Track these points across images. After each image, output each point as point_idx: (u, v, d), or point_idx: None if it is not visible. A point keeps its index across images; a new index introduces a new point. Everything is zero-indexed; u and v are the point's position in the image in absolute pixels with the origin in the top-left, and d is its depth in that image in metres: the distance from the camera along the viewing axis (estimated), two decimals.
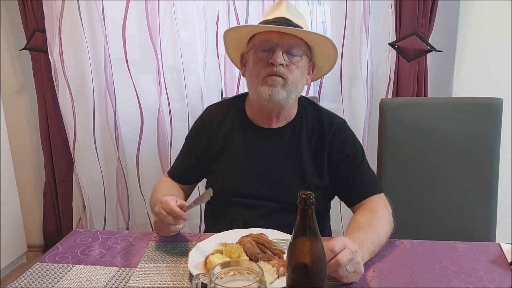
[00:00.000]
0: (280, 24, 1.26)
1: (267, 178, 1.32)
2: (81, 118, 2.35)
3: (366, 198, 1.28)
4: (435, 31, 2.00)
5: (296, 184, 1.30)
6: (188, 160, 1.44)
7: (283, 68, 1.25)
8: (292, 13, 1.31)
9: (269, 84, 1.25)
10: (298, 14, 1.35)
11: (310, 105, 1.40)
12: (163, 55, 2.22)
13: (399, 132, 1.58)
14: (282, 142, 1.34)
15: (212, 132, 1.39)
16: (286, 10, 1.30)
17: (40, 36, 2.27)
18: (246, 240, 1.07)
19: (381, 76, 2.12)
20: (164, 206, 1.12)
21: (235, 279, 0.81)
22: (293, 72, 1.27)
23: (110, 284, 1.02)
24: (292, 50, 1.26)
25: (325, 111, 1.40)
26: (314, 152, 1.33)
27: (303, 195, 0.78)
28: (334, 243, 0.93)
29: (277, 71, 1.24)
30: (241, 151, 1.35)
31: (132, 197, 2.44)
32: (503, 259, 1.10)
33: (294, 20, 1.30)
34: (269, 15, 1.33)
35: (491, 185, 1.55)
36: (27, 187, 2.65)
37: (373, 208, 1.23)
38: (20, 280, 1.04)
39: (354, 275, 0.96)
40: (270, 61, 1.24)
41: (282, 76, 1.25)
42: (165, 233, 1.19)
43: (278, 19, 1.29)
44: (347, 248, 0.94)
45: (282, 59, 1.24)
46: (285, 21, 1.28)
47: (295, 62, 1.27)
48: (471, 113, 1.55)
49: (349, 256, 0.93)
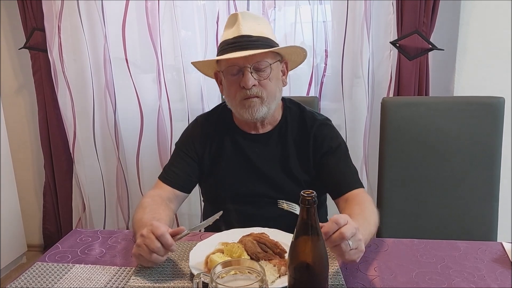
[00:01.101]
0: (240, 45, 1.26)
1: (259, 178, 1.38)
2: (80, 117, 2.34)
3: (350, 191, 1.29)
4: (437, 30, 1.99)
5: (287, 181, 1.37)
6: (188, 166, 1.40)
7: (256, 88, 1.27)
8: (249, 25, 1.29)
9: (247, 107, 1.30)
10: (255, 21, 1.31)
11: (294, 105, 1.44)
12: (163, 54, 2.22)
13: (401, 131, 1.58)
14: (270, 145, 1.40)
15: (205, 141, 1.42)
16: (243, 23, 1.28)
17: (40, 35, 2.26)
18: (247, 239, 1.07)
19: (382, 75, 2.12)
20: (154, 230, 1.00)
21: (236, 278, 0.81)
22: (267, 86, 1.29)
23: (110, 283, 1.01)
24: (260, 67, 1.27)
25: (308, 109, 1.45)
26: (301, 149, 1.38)
27: (305, 194, 0.78)
28: (337, 216, 0.92)
29: (250, 94, 1.27)
30: (233, 157, 1.40)
31: (132, 196, 2.44)
32: (505, 258, 1.09)
33: (254, 31, 1.28)
34: (228, 31, 1.31)
35: (493, 184, 1.54)
36: (27, 187, 2.65)
37: (363, 202, 1.24)
38: (20, 280, 1.04)
39: (355, 252, 0.94)
40: (242, 84, 1.27)
41: (257, 96, 1.28)
42: (143, 262, 1.04)
43: (237, 38, 1.27)
44: (350, 223, 0.93)
45: (252, 80, 1.26)
46: (244, 40, 1.26)
47: (266, 76, 1.29)
48: (473, 112, 1.54)
49: (352, 231, 0.91)
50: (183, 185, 1.39)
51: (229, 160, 1.40)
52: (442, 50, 2.00)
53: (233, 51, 1.26)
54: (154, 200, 1.29)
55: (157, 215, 1.19)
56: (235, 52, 1.25)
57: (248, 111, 1.30)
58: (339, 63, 2.14)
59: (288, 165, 1.37)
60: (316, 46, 2.16)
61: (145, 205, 1.25)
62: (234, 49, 1.26)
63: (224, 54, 1.28)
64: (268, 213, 1.33)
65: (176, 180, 1.38)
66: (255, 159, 1.38)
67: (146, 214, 1.19)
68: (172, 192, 1.36)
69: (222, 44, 1.31)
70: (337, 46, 2.14)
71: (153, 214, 1.19)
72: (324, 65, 2.19)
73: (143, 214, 1.20)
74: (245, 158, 1.39)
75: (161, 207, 1.26)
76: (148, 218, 1.15)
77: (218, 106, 1.49)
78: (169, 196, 1.35)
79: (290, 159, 1.37)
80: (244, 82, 1.26)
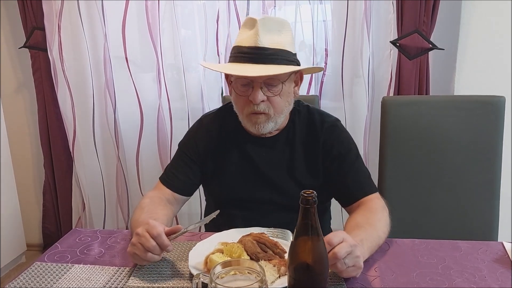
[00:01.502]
0: (254, 57, 1.19)
1: (264, 183, 1.34)
2: (80, 116, 2.34)
3: (362, 198, 1.26)
4: (437, 29, 1.99)
5: (293, 187, 1.32)
6: (189, 168, 1.37)
7: (264, 104, 1.23)
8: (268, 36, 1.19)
9: (254, 122, 1.26)
10: (276, 29, 1.22)
11: (302, 108, 1.38)
12: (163, 53, 2.21)
13: (401, 130, 1.57)
14: (277, 149, 1.34)
15: (210, 142, 1.37)
16: (262, 33, 1.18)
17: (40, 34, 2.26)
18: (247, 239, 1.06)
19: (383, 75, 2.11)
20: (150, 229, 1.00)
21: (236, 278, 0.80)
22: (275, 103, 1.24)
23: (109, 283, 1.01)
24: (272, 83, 1.22)
25: (317, 111, 1.39)
26: (308, 154, 1.33)
27: (305, 194, 0.77)
28: (331, 236, 0.92)
29: (258, 109, 1.23)
30: (238, 159, 1.35)
31: (132, 196, 2.43)
32: (506, 259, 1.09)
33: (272, 43, 1.19)
34: (244, 35, 1.23)
35: (493, 184, 1.54)
36: (26, 186, 2.64)
37: (372, 208, 1.21)
38: (19, 280, 1.03)
39: (353, 270, 0.94)
40: (250, 98, 1.22)
41: (264, 112, 1.24)
42: (138, 260, 1.04)
43: (253, 49, 1.19)
44: (345, 241, 0.93)
45: (261, 96, 1.21)
46: (260, 53, 1.19)
47: (277, 93, 1.23)
48: (473, 111, 1.54)
49: (347, 249, 0.91)
50: (183, 188, 1.36)
51: (233, 164, 1.35)
52: (443, 49, 2.00)
53: (246, 62, 1.20)
54: (152, 200, 1.28)
55: (154, 215, 1.18)
56: (248, 63, 1.19)
57: (254, 126, 1.26)
58: (339, 62, 2.14)
59: (295, 171, 1.32)
60: (316, 45, 2.15)
61: (143, 205, 1.24)
62: (247, 60, 1.20)
63: (236, 62, 1.22)
64: (273, 220, 1.26)
65: (176, 183, 1.35)
66: (260, 164, 1.34)
67: (143, 214, 1.19)
68: (172, 195, 1.34)
69: (236, 50, 1.24)
70: (337, 45, 2.14)
71: (150, 214, 1.18)
72: (324, 64, 2.19)
73: (141, 214, 1.19)
74: (250, 162, 1.34)
75: (159, 207, 1.25)
76: (145, 218, 1.14)
77: (225, 106, 1.43)
78: (169, 198, 1.34)
79: (297, 164, 1.33)
80: (253, 97, 1.21)
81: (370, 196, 1.26)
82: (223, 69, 1.26)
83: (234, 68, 1.21)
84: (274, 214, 1.31)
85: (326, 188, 1.34)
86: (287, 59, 1.22)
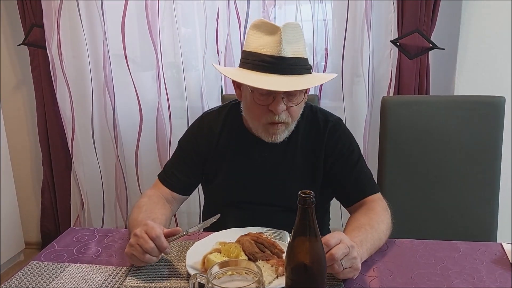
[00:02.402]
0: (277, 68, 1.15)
1: (265, 185, 1.32)
2: (79, 114, 2.33)
3: (364, 198, 1.25)
4: (438, 29, 1.98)
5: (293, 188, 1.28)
6: (189, 168, 1.36)
7: (284, 114, 1.20)
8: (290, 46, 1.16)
9: (272, 134, 1.24)
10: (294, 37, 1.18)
11: (305, 108, 1.34)
12: (162, 51, 2.20)
13: (401, 130, 1.57)
14: (279, 149, 1.32)
15: (211, 140, 1.35)
16: (285, 43, 1.15)
17: (38, 31, 2.25)
18: (245, 239, 1.06)
19: (383, 74, 2.11)
20: (149, 230, 1.00)
21: (233, 279, 0.80)
22: (293, 112, 1.23)
23: (106, 283, 1.00)
24: (294, 92, 1.19)
25: (320, 110, 1.38)
26: (311, 155, 1.31)
27: (302, 194, 0.77)
28: (329, 237, 0.92)
29: (278, 120, 1.20)
30: (240, 160, 1.33)
31: (131, 194, 2.43)
32: (505, 260, 1.08)
33: (293, 52, 1.16)
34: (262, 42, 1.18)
35: (493, 184, 1.53)
36: (25, 184, 2.64)
37: (374, 209, 1.20)
38: (15, 279, 1.03)
39: (350, 271, 0.94)
40: (270, 108, 1.19)
41: (283, 122, 1.22)
42: (136, 261, 1.03)
43: (275, 59, 1.15)
44: (343, 242, 0.92)
45: (283, 106, 1.18)
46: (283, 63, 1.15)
47: (297, 103, 1.22)
48: (473, 111, 1.53)
49: (344, 251, 0.91)
50: (182, 188, 1.35)
51: (234, 164, 1.33)
52: (443, 49, 1.99)
53: (267, 71, 1.16)
54: (151, 199, 1.27)
55: (152, 214, 1.17)
56: (270, 74, 1.15)
57: (272, 137, 1.24)
58: (339, 61, 2.13)
59: (297, 172, 1.31)
60: (317, 44, 2.14)
61: (141, 204, 1.23)
62: (269, 69, 1.15)
63: (256, 70, 1.17)
64: (273, 222, 1.23)
65: (175, 182, 1.34)
66: (262, 164, 1.32)
67: (141, 213, 1.18)
68: (171, 194, 1.34)
69: (255, 57, 1.18)
70: (337, 44, 2.13)
71: (148, 213, 1.17)
72: (324, 64, 2.18)
73: (139, 213, 1.18)
74: (252, 162, 1.32)
75: (158, 206, 1.24)
76: (143, 217, 1.14)
77: (227, 104, 1.41)
78: (167, 197, 1.33)
79: (299, 165, 1.31)
80: (274, 108, 1.18)
81: (372, 197, 1.25)
82: (249, 81, 1.16)
83: (259, 79, 1.15)
84: (274, 216, 1.30)
85: (327, 190, 1.33)
86: (306, 67, 1.21)
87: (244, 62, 1.22)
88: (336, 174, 1.30)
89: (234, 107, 1.37)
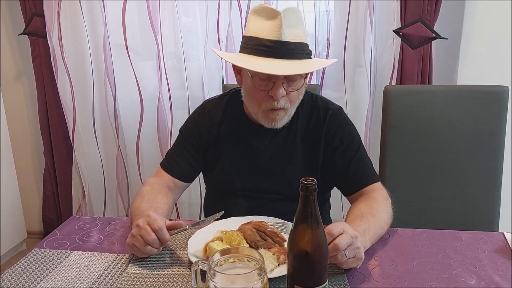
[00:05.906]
0: (278, 52, 1.15)
1: (266, 172, 1.32)
2: (80, 104, 2.32)
3: (365, 187, 1.25)
4: (441, 18, 1.96)
5: (294, 176, 1.29)
6: (190, 155, 1.36)
7: (283, 99, 1.20)
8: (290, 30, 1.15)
9: (272, 119, 1.24)
10: (295, 22, 1.17)
11: (306, 95, 1.33)
12: (163, 41, 2.19)
13: (403, 120, 1.56)
14: (280, 137, 1.32)
15: (212, 128, 1.35)
16: (285, 27, 1.14)
17: (39, 20, 2.24)
18: (247, 227, 1.06)
19: (385, 64, 2.09)
20: (151, 222, 1.00)
21: (235, 266, 0.80)
22: (293, 97, 1.22)
23: (108, 270, 1.01)
24: (294, 77, 1.19)
25: (320, 98, 1.37)
26: (311, 143, 1.31)
27: (305, 181, 0.77)
28: (332, 227, 0.92)
29: (278, 106, 1.20)
30: (240, 147, 1.34)
31: (132, 184, 2.43)
32: (507, 249, 1.08)
33: (293, 36, 1.16)
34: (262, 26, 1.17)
35: (495, 174, 1.53)
36: (26, 174, 2.64)
37: (375, 198, 1.20)
38: (18, 266, 1.03)
39: (354, 261, 0.95)
40: (271, 93, 1.19)
41: (283, 108, 1.22)
42: (137, 252, 1.03)
43: (276, 44, 1.14)
44: (346, 232, 0.93)
45: (282, 91, 1.18)
46: (283, 47, 1.15)
47: (297, 88, 1.21)
48: (477, 101, 1.52)
49: (348, 241, 0.91)
50: (184, 175, 1.36)
51: (235, 152, 1.33)
52: (446, 39, 1.97)
53: (268, 56, 1.15)
54: (153, 188, 1.27)
55: (154, 204, 1.17)
56: (270, 58, 1.15)
57: (271, 123, 1.24)
58: (342, 51, 2.11)
59: (297, 159, 1.31)
60: (319, 34, 2.13)
61: (144, 193, 1.23)
62: (269, 54, 1.15)
63: (256, 55, 1.17)
64: (273, 209, 1.25)
65: (177, 169, 1.35)
66: (263, 152, 1.32)
67: (144, 202, 1.18)
68: (173, 181, 1.34)
69: (255, 42, 1.17)
70: (339, 34, 2.11)
71: (150, 203, 1.17)
72: (326, 54, 2.17)
73: (141, 202, 1.18)
74: (252, 150, 1.32)
75: (160, 195, 1.24)
76: (146, 207, 1.14)
77: (228, 92, 1.41)
78: (169, 185, 1.33)
79: (300, 153, 1.31)
80: (274, 94, 1.17)
81: (372, 186, 1.25)
82: (249, 65, 1.16)
83: (259, 64, 1.15)
84: (275, 204, 1.31)
85: (327, 178, 1.33)
86: (306, 52, 1.20)
87: (245, 47, 1.22)
88: (336, 162, 1.30)
89: (234, 95, 1.37)
